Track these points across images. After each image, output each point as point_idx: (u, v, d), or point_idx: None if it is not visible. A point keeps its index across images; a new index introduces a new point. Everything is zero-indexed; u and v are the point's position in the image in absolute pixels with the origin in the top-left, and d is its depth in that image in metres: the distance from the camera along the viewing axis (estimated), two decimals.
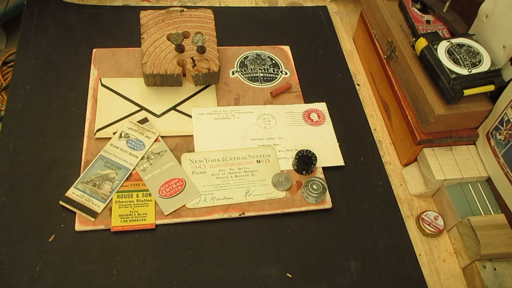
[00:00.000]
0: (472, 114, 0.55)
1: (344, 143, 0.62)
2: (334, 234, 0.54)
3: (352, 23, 0.80)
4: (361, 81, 0.72)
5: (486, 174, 0.56)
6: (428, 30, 0.61)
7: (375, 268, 0.52)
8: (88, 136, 0.57)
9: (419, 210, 0.59)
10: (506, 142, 0.53)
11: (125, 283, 0.48)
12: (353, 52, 0.76)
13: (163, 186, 0.54)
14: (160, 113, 0.61)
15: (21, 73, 0.62)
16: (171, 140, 0.59)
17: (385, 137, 0.66)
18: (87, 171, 0.54)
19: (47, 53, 0.65)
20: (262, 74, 0.68)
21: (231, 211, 0.54)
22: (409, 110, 0.59)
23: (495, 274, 0.50)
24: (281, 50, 0.72)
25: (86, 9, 0.72)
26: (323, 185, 0.56)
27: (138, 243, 0.51)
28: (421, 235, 0.56)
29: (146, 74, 0.60)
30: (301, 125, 0.63)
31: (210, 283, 0.49)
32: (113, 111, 0.60)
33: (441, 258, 0.55)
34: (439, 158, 0.57)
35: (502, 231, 0.52)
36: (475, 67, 0.53)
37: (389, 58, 0.64)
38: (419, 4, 0.64)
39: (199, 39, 0.59)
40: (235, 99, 0.64)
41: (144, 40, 0.62)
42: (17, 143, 0.56)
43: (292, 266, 0.51)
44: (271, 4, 0.81)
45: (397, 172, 0.62)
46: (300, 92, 0.67)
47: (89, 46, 0.67)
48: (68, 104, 0.60)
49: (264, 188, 0.56)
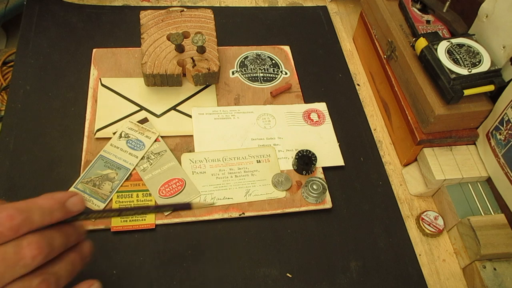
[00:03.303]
0: (472, 114, 0.55)
1: (344, 143, 0.62)
2: (334, 234, 0.54)
3: (352, 23, 0.80)
4: (361, 81, 0.72)
5: (486, 174, 0.56)
6: (428, 30, 0.61)
7: (375, 268, 0.52)
8: (88, 136, 0.57)
9: (419, 210, 0.59)
10: (506, 142, 0.53)
11: (125, 283, 0.48)
12: (353, 52, 0.76)
13: (163, 186, 0.54)
14: (160, 113, 0.61)
15: (21, 73, 0.62)
16: (171, 140, 0.59)
17: (385, 137, 0.66)
18: (87, 171, 0.54)
19: (47, 53, 0.65)
20: (262, 74, 0.68)
21: (231, 211, 0.54)
22: (409, 110, 0.59)
23: (495, 274, 0.50)
24: (281, 50, 0.72)
25: (86, 9, 0.72)
26: (323, 185, 0.56)
27: (138, 243, 0.51)
28: (421, 235, 0.56)
29: (146, 74, 0.60)
30: (301, 125, 0.63)
31: (210, 283, 0.49)
32: (113, 111, 0.60)
33: (441, 258, 0.55)
34: (439, 158, 0.57)
35: (502, 231, 0.52)
36: (475, 67, 0.53)
37: (389, 58, 0.64)
38: (419, 4, 0.64)
39: (199, 39, 0.59)
40: (235, 99, 0.64)
41: (144, 40, 0.62)
42: (17, 143, 0.56)
43: (292, 266, 0.51)
44: (271, 4, 0.81)
45: (397, 172, 0.62)
46: (300, 92, 0.67)
47: (89, 46, 0.67)
48: (68, 104, 0.60)
49: (264, 188, 0.56)
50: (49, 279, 0.31)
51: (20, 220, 0.30)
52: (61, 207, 0.33)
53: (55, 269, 0.32)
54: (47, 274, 0.32)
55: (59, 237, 0.32)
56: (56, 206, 0.32)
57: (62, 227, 0.33)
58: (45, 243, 0.31)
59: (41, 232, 0.32)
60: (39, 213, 0.31)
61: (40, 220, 0.31)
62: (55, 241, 0.32)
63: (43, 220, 0.31)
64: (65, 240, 0.33)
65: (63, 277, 0.33)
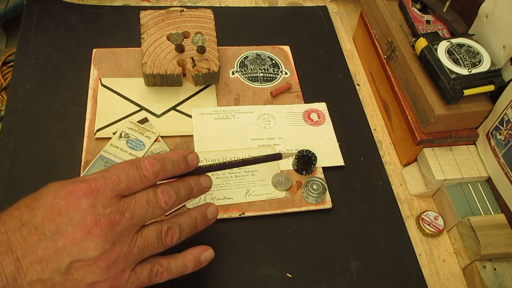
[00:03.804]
0: (472, 114, 0.55)
1: (344, 143, 0.62)
2: (334, 234, 0.54)
3: (352, 23, 0.80)
4: (361, 81, 0.72)
5: (486, 174, 0.56)
6: (428, 30, 0.61)
7: (375, 268, 0.52)
8: (88, 136, 0.57)
9: (419, 210, 0.59)
10: (506, 142, 0.53)
11: None
12: (353, 52, 0.76)
13: None
14: (160, 113, 0.61)
15: (21, 73, 0.62)
16: (171, 140, 0.59)
17: (385, 137, 0.66)
18: (87, 171, 0.54)
19: (47, 53, 0.65)
20: (262, 74, 0.68)
21: (231, 211, 0.54)
22: (409, 110, 0.59)
23: (495, 274, 0.50)
24: (281, 50, 0.72)
25: (86, 9, 0.72)
26: (323, 185, 0.56)
27: None
28: (421, 235, 0.56)
29: (146, 74, 0.60)
30: (301, 125, 0.63)
31: (210, 283, 0.49)
32: (113, 111, 0.60)
33: (441, 258, 0.55)
34: (439, 158, 0.57)
35: (502, 231, 0.52)
36: (475, 67, 0.53)
37: (389, 58, 0.64)
38: (419, 4, 0.64)
39: (199, 39, 0.59)
40: (235, 99, 0.64)
41: (144, 40, 0.62)
42: (17, 143, 0.56)
43: (292, 266, 0.51)
44: (271, 4, 0.81)
45: (397, 172, 0.62)
46: (300, 92, 0.67)
47: (89, 46, 0.67)
48: (68, 104, 0.60)
49: (264, 188, 0.56)
50: (175, 228, 0.39)
51: (159, 166, 0.37)
52: (184, 160, 0.40)
53: (180, 221, 0.40)
54: (173, 224, 0.39)
55: (183, 188, 0.40)
56: (181, 159, 0.40)
57: (186, 179, 0.41)
58: (173, 191, 0.38)
59: (170, 183, 0.39)
60: (170, 163, 0.38)
61: (171, 169, 0.39)
62: (181, 191, 0.39)
63: (173, 169, 0.39)
64: (188, 191, 0.40)
65: (185, 229, 0.40)
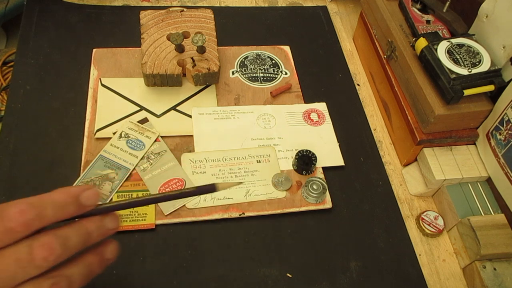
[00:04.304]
0: (472, 114, 0.55)
1: (344, 143, 0.62)
2: (334, 234, 0.54)
3: (352, 23, 0.80)
4: (361, 81, 0.72)
5: (486, 174, 0.56)
6: (428, 30, 0.61)
7: (375, 268, 0.52)
8: (88, 136, 0.57)
9: (419, 210, 0.59)
10: (506, 142, 0.53)
11: (125, 283, 0.48)
12: (353, 52, 0.76)
13: (163, 186, 0.54)
14: (160, 113, 0.61)
15: (21, 73, 0.62)
16: (171, 140, 0.59)
17: (385, 137, 0.66)
18: (87, 171, 0.54)
19: (47, 53, 0.65)
20: (262, 74, 0.68)
21: (231, 211, 0.54)
22: (409, 110, 0.59)
23: (495, 274, 0.50)
24: (281, 50, 0.72)
25: (86, 9, 0.72)
26: (323, 185, 0.56)
27: (138, 243, 0.51)
28: (421, 235, 0.56)
29: (146, 74, 0.60)
30: (301, 125, 0.63)
31: (210, 283, 0.49)
32: (113, 111, 0.60)
33: (441, 258, 0.55)
34: (439, 158, 0.57)
35: (502, 231, 0.52)
36: (475, 67, 0.53)
37: (389, 58, 0.64)
38: (419, 4, 0.64)
39: (199, 39, 0.59)
40: (235, 99, 0.64)
41: (144, 40, 0.62)
42: (17, 143, 0.56)
43: (292, 266, 0.51)
44: (271, 4, 0.81)
45: (397, 172, 0.62)
46: (300, 92, 0.67)
47: (89, 46, 0.67)
48: (68, 104, 0.60)
49: (264, 188, 0.56)
50: (60, 282, 0.30)
51: (32, 215, 0.29)
52: (74, 201, 0.31)
53: (68, 272, 0.31)
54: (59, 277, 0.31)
55: (75, 236, 0.31)
56: (69, 200, 0.31)
57: (82, 223, 0.32)
58: (58, 243, 0.30)
59: (55, 231, 0.31)
60: (51, 207, 0.30)
61: (52, 215, 0.30)
62: (70, 241, 0.31)
63: (55, 215, 0.30)
64: (83, 239, 0.32)
65: (77, 281, 0.32)
